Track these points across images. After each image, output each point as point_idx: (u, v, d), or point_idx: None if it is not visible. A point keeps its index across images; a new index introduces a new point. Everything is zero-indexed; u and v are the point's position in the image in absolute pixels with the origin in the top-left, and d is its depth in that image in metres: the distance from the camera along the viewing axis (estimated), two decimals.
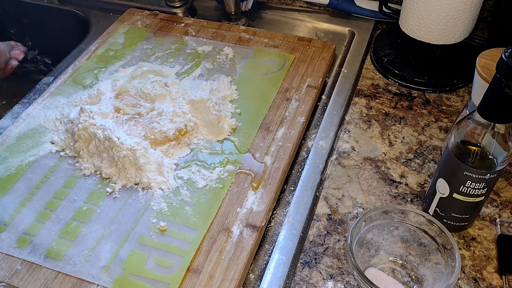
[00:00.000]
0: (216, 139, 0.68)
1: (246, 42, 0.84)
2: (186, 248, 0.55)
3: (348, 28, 0.90)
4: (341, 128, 0.70)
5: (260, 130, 0.69)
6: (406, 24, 0.74)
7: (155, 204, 0.60)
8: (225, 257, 0.54)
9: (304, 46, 0.83)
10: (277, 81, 0.76)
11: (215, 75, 0.78)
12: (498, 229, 0.57)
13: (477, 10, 0.71)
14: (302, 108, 0.71)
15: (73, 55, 0.86)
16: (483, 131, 0.46)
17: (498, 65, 0.42)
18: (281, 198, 0.63)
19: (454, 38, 0.72)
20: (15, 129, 0.70)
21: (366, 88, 0.76)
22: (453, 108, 0.72)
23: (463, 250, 0.55)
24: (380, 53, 0.80)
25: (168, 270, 0.53)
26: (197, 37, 0.86)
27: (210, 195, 0.60)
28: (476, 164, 0.48)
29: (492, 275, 0.53)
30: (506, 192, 0.61)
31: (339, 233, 0.57)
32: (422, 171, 0.64)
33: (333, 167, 0.65)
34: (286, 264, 0.55)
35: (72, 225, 0.58)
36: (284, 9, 0.96)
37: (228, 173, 0.63)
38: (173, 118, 0.66)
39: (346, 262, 0.54)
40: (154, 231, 0.57)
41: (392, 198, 0.61)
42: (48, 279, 0.53)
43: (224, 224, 0.57)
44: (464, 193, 0.51)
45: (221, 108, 0.69)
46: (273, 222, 0.60)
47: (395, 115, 0.72)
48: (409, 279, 0.53)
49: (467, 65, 0.76)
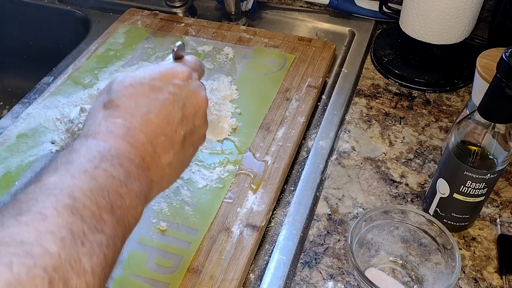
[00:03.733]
0: (216, 139, 0.68)
1: (246, 42, 0.84)
2: (186, 248, 0.55)
3: (349, 28, 0.90)
4: (341, 128, 0.70)
5: (260, 130, 0.69)
6: (406, 24, 0.74)
7: (155, 204, 0.60)
8: (225, 257, 0.54)
9: (304, 46, 0.83)
10: (277, 81, 0.76)
11: (215, 75, 0.78)
12: (498, 229, 0.57)
13: (477, 10, 0.71)
14: (302, 108, 0.71)
15: (73, 55, 0.86)
16: (483, 131, 0.46)
17: (498, 65, 0.42)
18: (281, 198, 0.63)
19: (454, 38, 0.72)
20: (15, 129, 0.70)
21: (366, 88, 0.76)
22: (453, 108, 0.72)
23: (463, 250, 0.55)
24: (380, 53, 0.80)
25: (168, 270, 0.53)
26: (197, 37, 0.86)
27: (210, 195, 0.60)
28: (476, 164, 0.48)
29: (492, 275, 0.53)
30: (506, 192, 0.61)
31: (339, 233, 0.57)
32: (422, 171, 0.64)
33: (333, 167, 0.65)
34: (286, 264, 0.55)
35: None
36: (284, 9, 0.96)
37: (229, 173, 0.63)
38: None
39: (346, 262, 0.54)
40: (154, 231, 0.57)
41: (392, 198, 0.61)
42: None
43: (224, 224, 0.57)
44: (464, 193, 0.51)
45: (221, 108, 0.69)
46: (273, 222, 0.60)
47: (395, 115, 0.72)
48: (409, 279, 0.52)
49: (467, 65, 0.76)
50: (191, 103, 0.42)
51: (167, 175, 0.41)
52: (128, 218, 0.34)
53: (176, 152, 0.40)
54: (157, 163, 0.39)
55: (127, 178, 0.34)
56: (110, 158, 0.35)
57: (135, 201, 0.35)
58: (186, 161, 0.44)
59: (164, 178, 0.40)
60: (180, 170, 0.44)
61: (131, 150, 0.36)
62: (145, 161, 0.37)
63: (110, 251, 0.31)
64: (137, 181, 0.36)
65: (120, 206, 0.33)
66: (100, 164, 0.34)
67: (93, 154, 0.34)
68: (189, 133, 0.42)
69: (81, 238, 0.29)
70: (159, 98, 0.40)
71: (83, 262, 0.28)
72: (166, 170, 0.40)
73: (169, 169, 0.40)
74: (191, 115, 0.42)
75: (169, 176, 0.41)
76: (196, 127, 0.43)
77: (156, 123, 0.39)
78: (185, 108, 0.41)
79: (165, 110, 0.39)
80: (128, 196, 0.34)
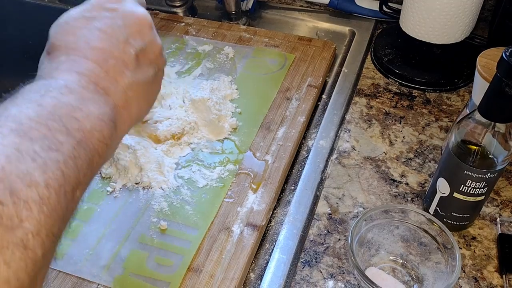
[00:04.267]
0: (216, 138, 0.68)
1: (246, 41, 0.85)
2: (187, 247, 0.55)
3: (349, 28, 0.90)
4: (342, 127, 0.70)
5: (261, 129, 0.69)
6: (406, 23, 0.74)
7: (155, 203, 0.60)
8: (225, 256, 0.54)
9: (304, 46, 0.83)
10: (278, 81, 0.76)
11: (216, 75, 0.78)
12: (498, 228, 0.57)
13: (477, 10, 0.71)
14: (302, 108, 0.71)
15: None
16: (483, 131, 0.46)
17: (498, 65, 0.42)
18: (281, 197, 0.63)
19: (454, 38, 0.72)
20: None
21: (367, 87, 0.76)
22: (453, 108, 0.72)
23: (463, 250, 0.55)
24: (381, 53, 0.80)
25: (169, 269, 0.53)
26: (198, 37, 0.86)
27: (210, 194, 0.60)
28: (476, 163, 0.48)
29: (493, 274, 0.53)
30: (506, 192, 0.61)
31: (340, 232, 0.57)
32: (423, 171, 0.64)
33: (333, 166, 0.65)
34: (287, 263, 0.55)
35: (73, 224, 0.58)
36: (285, 9, 0.96)
37: (229, 172, 0.63)
38: (172, 121, 0.66)
39: (347, 261, 0.54)
40: (155, 230, 0.57)
41: (393, 198, 0.61)
42: (49, 278, 0.53)
43: (224, 224, 0.57)
44: (464, 193, 0.51)
45: (222, 108, 0.69)
46: (273, 222, 0.60)
47: (395, 114, 0.72)
48: (409, 278, 0.53)
49: (467, 65, 0.76)
50: (131, 21, 0.41)
51: (133, 99, 0.40)
52: (93, 141, 0.33)
53: (133, 72, 0.40)
54: (116, 86, 0.38)
55: (81, 103, 0.34)
56: (58, 88, 0.34)
57: (98, 124, 0.34)
58: (150, 84, 0.43)
59: (130, 102, 0.40)
60: (147, 94, 0.43)
61: (80, 78, 0.36)
62: (100, 86, 0.37)
63: (72, 170, 0.30)
64: (95, 105, 0.35)
65: (79, 129, 0.32)
66: (47, 93, 0.33)
67: (39, 88, 0.33)
68: (141, 51, 0.41)
69: (30, 155, 0.28)
70: (96, 26, 0.39)
71: (34, 176, 0.27)
72: (128, 93, 0.39)
73: (131, 92, 0.39)
74: (136, 32, 0.41)
75: (135, 101, 0.40)
76: (147, 44, 0.42)
77: (100, 48, 0.38)
78: (126, 27, 0.40)
79: (106, 35, 0.39)
80: (87, 119, 0.33)
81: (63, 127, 0.31)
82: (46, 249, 0.28)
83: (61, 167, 0.29)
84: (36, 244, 0.27)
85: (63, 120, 0.31)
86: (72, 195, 0.31)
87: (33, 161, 0.28)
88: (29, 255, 0.26)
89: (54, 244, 0.29)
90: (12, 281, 0.25)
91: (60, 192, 0.29)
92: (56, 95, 0.33)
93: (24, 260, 0.26)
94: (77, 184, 0.31)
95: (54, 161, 0.29)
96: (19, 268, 0.25)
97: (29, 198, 0.27)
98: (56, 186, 0.29)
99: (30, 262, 0.26)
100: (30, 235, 0.26)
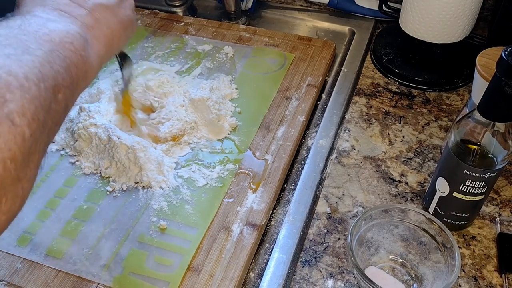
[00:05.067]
0: (216, 138, 0.68)
1: (246, 41, 0.85)
2: (186, 246, 0.55)
3: (348, 27, 0.90)
4: (341, 127, 0.70)
5: (260, 129, 0.69)
6: (406, 23, 0.74)
7: (155, 203, 0.60)
8: (225, 256, 0.54)
9: (304, 45, 0.83)
10: (277, 80, 0.76)
11: (215, 74, 0.78)
12: (498, 227, 0.57)
13: (477, 9, 0.71)
14: (302, 107, 0.71)
15: None
16: (483, 130, 0.46)
17: (498, 64, 0.42)
18: (281, 197, 0.63)
19: (454, 37, 0.72)
20: None
21: (366, 87, 0.76)
22: (453, 107, 0.73)
23: (463, 249, 0.55)
24: (380, 52, 0.80)
25: (168, 269, 0.53)
26: (197, 36, 0.86)
27: (210, 194, 0.61)
28: (476, 163, 0.48)
29: (492, 274, 0.53)
30: (506, 191, 0.61)
31: (339, 231, 0.57)
32: (422, 170, 0.64)
33: (333, 166, 0.65)
34: (286, 262, 0.55)
35: (73, 223, 0.58)
36: (284, 8, 0.96)
37: (228, 172, 0.63)
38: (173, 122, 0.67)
39: (346, 261, 0.54)
40: (154, 229, 0.57)
41: (392, 197, 0.61)
42: (49, 277, 0.53)
43: (224, 223, 0.57)
44: (464, 192, 0.51)
45: (221, 107, 0.69)
46: (273, 221, 0.60)
47: (395, 114, 0.72)
48: (409, 277, 0.53)
49: (467, 64, 0.76)
50: None
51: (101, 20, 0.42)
52: (65, 52, 0.35)
53: None
54: (80, 10, 0.40)
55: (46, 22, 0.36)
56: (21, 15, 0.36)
57: (68, 37, 0.36)
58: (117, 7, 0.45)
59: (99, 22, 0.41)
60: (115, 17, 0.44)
61: (44, 8, 0.38)
62: (63, 11, 0.39)
63: (48, 71, 0.32)
64: (61, 23, 0.37)
65: (48, 41, 0.34)
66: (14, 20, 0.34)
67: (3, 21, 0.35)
68: None
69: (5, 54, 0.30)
70: None
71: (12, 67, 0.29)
72: (95, 14, 0.41)
73: (98, 13, 0.41)
74: None
75: (104, 21, 0.42)
76: None
77: None
78: None
79: None
80: (55, 33, 0.35)
81: (33, 38, 0.33)
82: (34, 130, 0.29)
83: (36, 66, 0.31)
84: (22, 123, 0.28)
85: (32, 34, 0.33)
86: (53, 93, 0.32)
87: (8, 58, 0.30)
88: (17, 130, 0.28)
89: (42, 133, 0.30)
90: (4, 150, 0.27)
91: (40, 86, 0.30)
92: (21, 22, 0.35)
93: (12, 134, 0.27)
94: (56, 85, 0.32)
95: (29, 61, 0.31)
96: (8, 139, 0.27)
97: (10, 84, 0.28)
98: (34, 79, 0.30)
99: (19, 137, 0.28)
100: (16, 114, 0.28)
